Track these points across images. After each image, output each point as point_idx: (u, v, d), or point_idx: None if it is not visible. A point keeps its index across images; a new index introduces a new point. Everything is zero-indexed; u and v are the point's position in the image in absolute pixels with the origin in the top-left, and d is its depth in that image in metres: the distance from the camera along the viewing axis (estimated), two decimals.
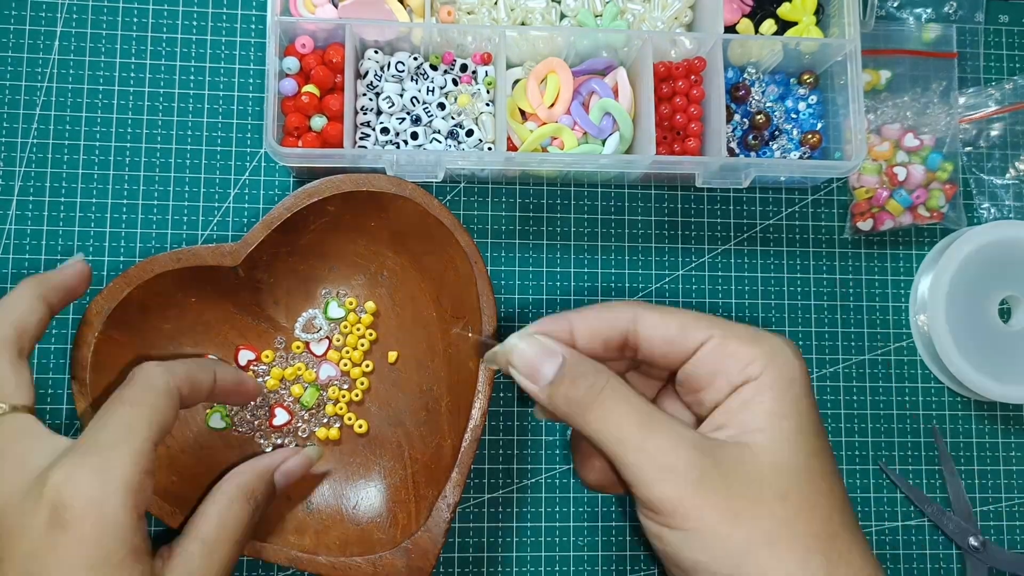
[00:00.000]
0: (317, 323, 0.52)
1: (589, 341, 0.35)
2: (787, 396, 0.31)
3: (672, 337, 0.34)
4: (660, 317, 0.34)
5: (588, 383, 0.33)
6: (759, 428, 0.31)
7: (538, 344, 0.34)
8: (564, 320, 0.35)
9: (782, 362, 0.32)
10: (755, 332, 0.33)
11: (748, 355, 0.32)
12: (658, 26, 0.54)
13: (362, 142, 0.51)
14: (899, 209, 0.56)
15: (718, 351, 0.33)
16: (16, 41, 0.53)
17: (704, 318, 0.34)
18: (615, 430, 0.32)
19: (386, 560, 0.44)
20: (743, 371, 0.32)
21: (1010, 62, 0.61)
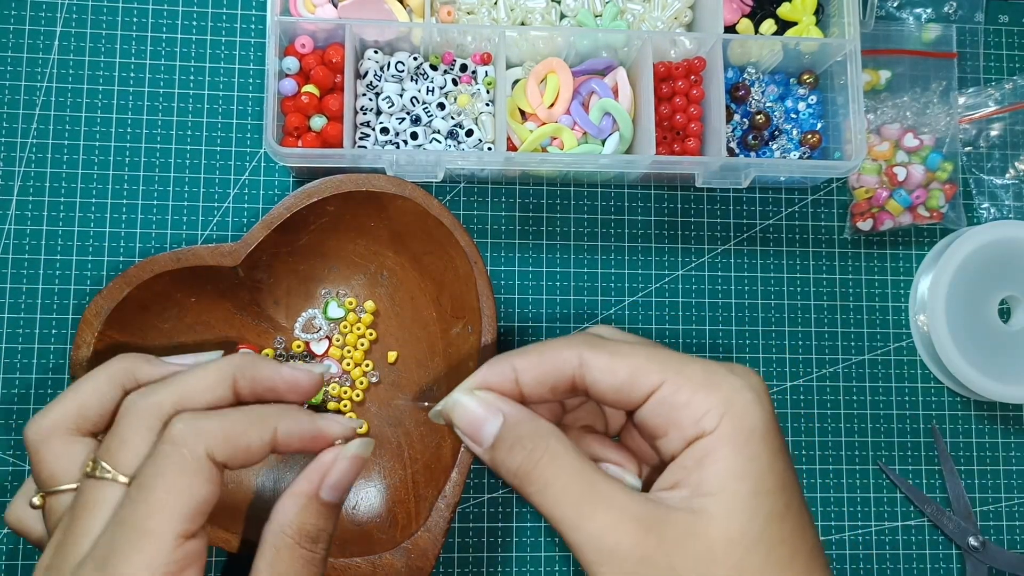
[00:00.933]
0: (317, 323, 0.52)
1: (536, 388, 0.31)
2: (744, 452, 0.28)
3: (620, 384, 0.30)
4: (608, 361, 0.30)
5: (525, 452, 0.30)
6: (712, 492, 0.28)
7: (477, 402, 0.31)
8: (507, 366, 0.32)
9: (740, 411, 0.29)
10: (711, 374, 0.30)
11: (702, 406, 0.29)
12: (658, 26, 0.54)
13: (362, 142, 0.51)
14: (899, 209, 0.56)
15: (670, 400, 0.29)
16: (16, 41, 0.53)
17: (657, 357, 0.30)
18: (553, 507, 0.29)
19: (386, 560, 0.44)
20: (696, 424, 0.29)
21: (1010, 62, 0.61)
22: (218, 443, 0.30)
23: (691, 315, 0.56)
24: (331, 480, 0.33)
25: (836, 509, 0.56)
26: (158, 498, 0.29)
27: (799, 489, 0.30)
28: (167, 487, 0.29)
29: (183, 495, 0.29)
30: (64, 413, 0.34)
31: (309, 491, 0.32)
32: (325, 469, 0.33)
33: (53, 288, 0.52)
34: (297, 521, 0.32)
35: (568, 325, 0.55)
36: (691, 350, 0.56)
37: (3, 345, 0.51)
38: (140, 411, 0.32)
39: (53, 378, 0.51)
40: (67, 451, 0.33)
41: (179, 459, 0.30)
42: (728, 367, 0.30)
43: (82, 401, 0.34)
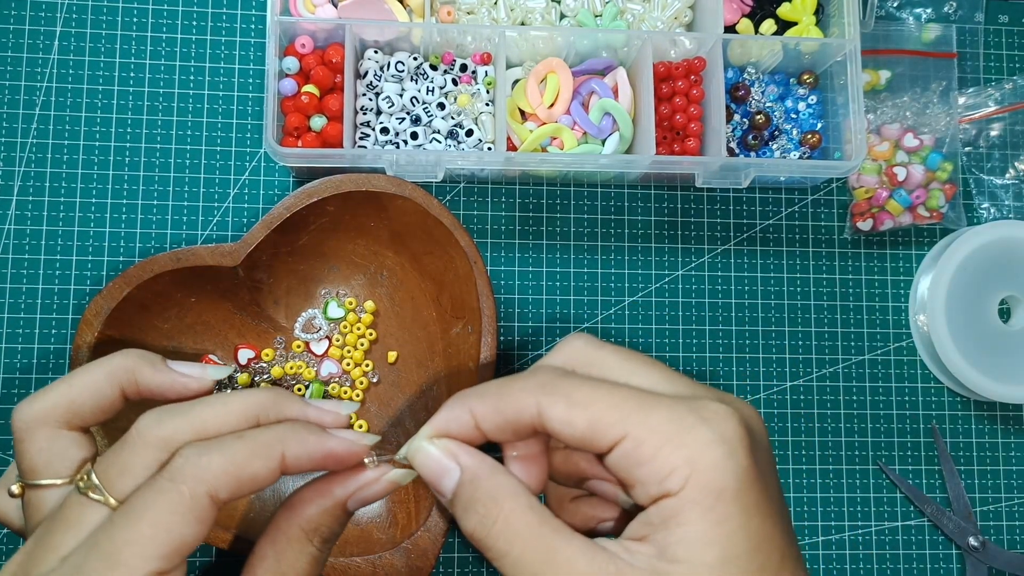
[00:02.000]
0: (317, 323, 0.52)
1: (497, 434, 0.30)
2: (712, 517, 0.26)
3: (579, 436, 0.28)
4: (564, 412, 0.28)
5: (479, 515, 0.28)
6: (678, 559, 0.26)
7: (436, 453, 0.30)
8: (465, 411, 0.30)
9: (708, 470, 0.26)
10: (678, 424, 0.27)
11: (666, 464, 0.27)
12: (658, 26, 0.54)
13: (362, 142, 0.51)
14: (899, 209, 0.56)
15: (633, 456, 0.27)
16: (16, 41, 0.53)
17: (619, 404, 0.28)
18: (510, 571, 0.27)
19: (385, 560, 0.44)
20: (661, 484, 0.27)
21: (1010, 62, 0.61)
22: (221, 482, 0.29)
23: (691, 315, 0.56)
24: (364, 495, 0.32)
25: (836, 509, 0.55)
26: (140, 531, 0.27)
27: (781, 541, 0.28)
28: (153, 522, 0.28)
29: (167, 534, 0.28)
30: (55, 404, 0.32)
31: (340, 496, 0.32)
32: (364, 484, 0.32)
33: (53, 288, 0.52)
34: (317, 519, 0.31)
35: (568, 325, 0.55)
36: (691, 351, 0.56)
37: (3, 345, 0.51)
38: (150, 441, 0.30)
39: (53, 378, 0.51)
40: (52, 445, 0.32)
41: (174, 497, 0.28)
42: (700, 412, 0.27)
43: (75, 395, 0.33)
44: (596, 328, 0.55)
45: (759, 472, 0.27)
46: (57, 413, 0.32)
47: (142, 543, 0.27)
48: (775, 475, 0.30)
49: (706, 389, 0.30)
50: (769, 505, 0.27)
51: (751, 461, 0.27)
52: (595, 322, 0.55)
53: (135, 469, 0.29)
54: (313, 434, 0.31)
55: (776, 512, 0.28)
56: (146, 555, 0.27)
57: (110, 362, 0.34)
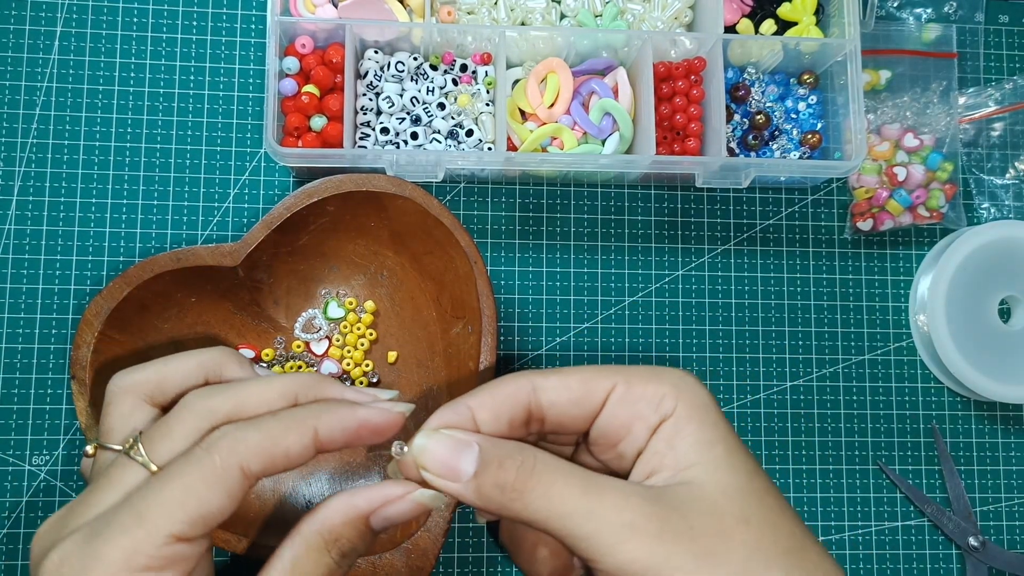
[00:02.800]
0: (317, 323, 0.52)
1: (494, 424, 0.32)
2: (707, 422, 0.31)
3: (576, 396, 0.32)
4: (559, 379, 0.32)
5: (516, 463, 0.30)
6: (693, 462, 0.30)
7: (447, 438, 0.31)
8: (462, 407, 0.32)
9: (690, 391, 0.31)
10: (654, 370, 0.32)
11: (656, 392, 0.31)
12: (658, 26, 0.54)
13: (362, 142, 0.51)
14: (899, 209, 0.56)
15: (626, 397, 0.31)
16: (16, 41, 0.53)
17: (602, 369, 0.32)
18: (559, 505, 0.29)
19: (386, 560, 0.44)
20: (657, 409, 0.31)
21: (1010, 62, 0.61)
22: (254, 456, 0.30)
23: (691, 315, 0.56)
24: (388, 513, 0.32)
25: (836, 509, 0.56)
26: (169, 494, 0.29)
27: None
28: (182, 487, 0.29)
29: (194, 500, 0.29)
30: (146, 379, 0.35)
31: (364, 509, 0.32)
32: (390, 499, 0.32)
33: (53, 288, 0.52)
34: (339, 530, 0.31)
35: (568, 325, 0.55)
36: (691, 351, 0.56)
37: (3, 345, 0.51)
38: (194, 410, 0.32)
39: (53, 378, 0.51)
40: (131, 413, 0.34)
41: (207, 465, 0.30)
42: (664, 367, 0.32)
43: (166, 374, 0.35)
44: (596, 328, 0.55)
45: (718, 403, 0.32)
46: (147, 387, 0.35)
47: (169, 505, 0.29)
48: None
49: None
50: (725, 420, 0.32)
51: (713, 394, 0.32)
52: (595, 322, 0.55)
53: (176, 437, 0.31)
54: (346, 408, 0.33)
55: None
56: (171, 517, 0.29)
57: (203, 353, 0.37)
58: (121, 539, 0.29)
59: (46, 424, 0.51)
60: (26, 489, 0.50)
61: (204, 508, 0.29)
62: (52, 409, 0.51)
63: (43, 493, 0.50)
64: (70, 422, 0.51)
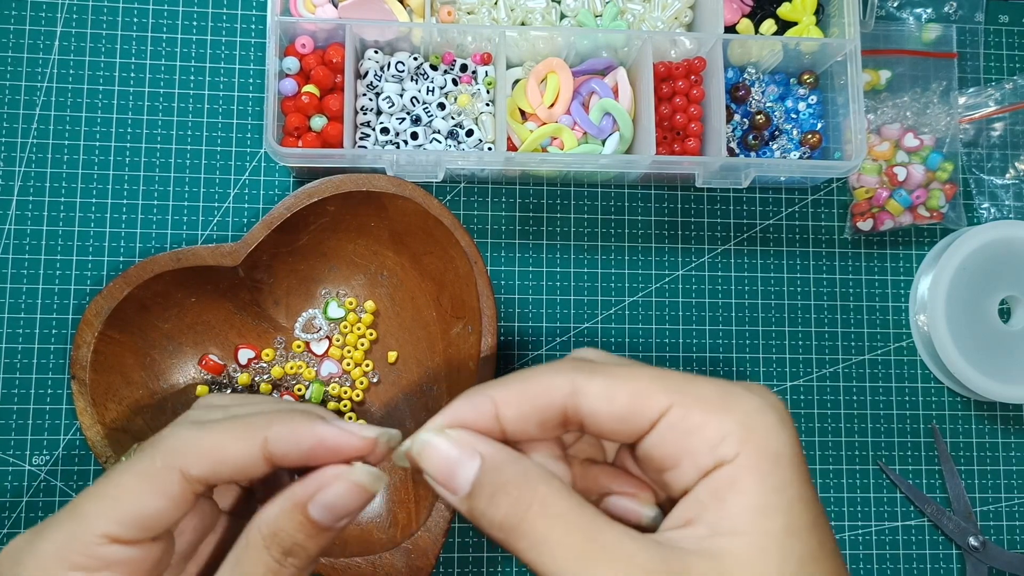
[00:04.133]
0: (317, 323, 0.52)
1: (520, 424, 0.27)
2: (771, 483, 0.24)
3: (621, 412, 0.26)
4: (605, 386, 0.26)
5: (511, 499, 0.25)
6: (736, 531, 0.24)
7: (450, 443, 0.26)
8: (486, 400, 0.27)
9: (762, 434, 0.25)
10: (725, 392, 0.26)
11: (718, 430, 0.25)
12: (658, 26, 0.54)
13: (362, 142, 0.51)
14: (899, 209, 0.56)
15: (680, 426, 0.25)
16: (16, 41, 0.53)
17: (661, 378, 0.26)
18: (549, 564, 0.25)
19: (386, 560, 0.44)
20: (713, 451, 0.25)
21: (1010, 62, 0.61)
22: (195, 460, 0.28)
23: (691, 315, 0.56)
24: (324, 498, 0.28)
25: (836, 509, 0.55)
26: (105, 491, 0.28)
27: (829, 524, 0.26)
28: (118, 484, 0.28)
29: (128, 499, 0.28)
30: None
31: (296, 499, 0.28)
32: (322, 482, 0.28)
33: (53, 288, 0.52)
34: (274, 525, 0.28)
35: (568, 325, 0.55)
36: (691, 351, 0.56)
37: (3, 345, 0.51)
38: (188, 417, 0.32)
39: (53, 378, 0.51)
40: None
41: (145, 465, 0.28)
42: (744, 385, 0.26)
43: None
44: (596, 328, 0.55)
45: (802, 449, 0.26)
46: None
47: (104, 503, 0.28)
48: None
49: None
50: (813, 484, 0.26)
51: (797, 434, 0.26)
52: (595, 322, 0.55)
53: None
54: (303, 420, 0.29)
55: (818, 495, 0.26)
56: (105, 515, 0.27)
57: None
58: (56, 534, 0.28)
59: (46, 424, 0.51)
60: (26, 489, 0.50)
61: (138, 509, 0.27)
62: (52, 409, 0.51)
63: (43, 493, 0.50)
64: (70, 422, 0.51)
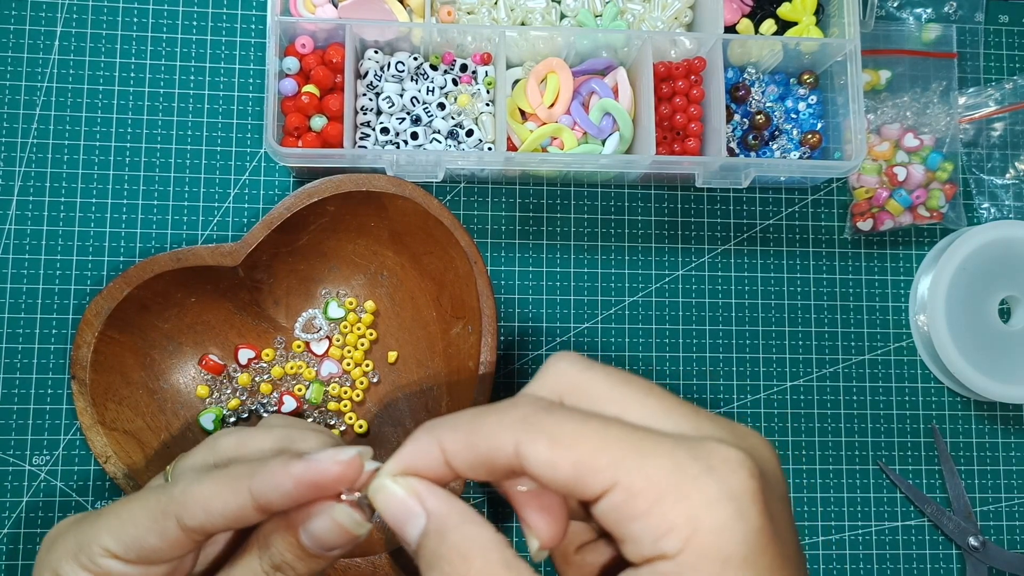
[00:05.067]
0: (317, 323, 0.52)
1: (469, 472, 0.26)
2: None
3: (563, 482, 0.24)
4: (547, 454, 0.24)
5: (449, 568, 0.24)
6: None
7: (399, 494, 0.26)
8: (433, 445, 0.26)
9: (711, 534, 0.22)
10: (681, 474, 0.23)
11: (663, 523, 0.22)
12: (658, 26, 0.54)
13: (362, 142, 0.51)
14: (899, 209, 0.56)
15: (624, 509, 0.23)
16: (16, 41, 0.53)
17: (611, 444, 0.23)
18: None
19: (386, 560, 0.44)
20: (655, 543, 0.22)
21: (1010, 62, 0.61)
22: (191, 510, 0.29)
23: (691, 315, 0.56)
24: (313, 528, 0.28)
25: (836, 509, 0.55)
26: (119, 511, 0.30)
27: None
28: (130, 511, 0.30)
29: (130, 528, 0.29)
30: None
31: (290, 521, 0.29)
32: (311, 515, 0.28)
33: (53, 288, 0.52)
34: (268, 540, 0.29)
35: (568, 325, 0.55)
36: (691, 351, 0.56)
37: (3, 345, 0.51)
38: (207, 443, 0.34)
39: (53, 378, 0.51)
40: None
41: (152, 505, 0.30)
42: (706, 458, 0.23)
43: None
44: (596, 328, 0.55)
45: (774, 531, 0.23)
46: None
47: (114, 523, 0.30)
48: (793, 529, 0.25)
49: (712, 421, 0.25)
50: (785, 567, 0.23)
51: (765, 520, 0.23)
52: (595, 322, 0.55)
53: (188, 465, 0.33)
54: (277, 463, 0.28)
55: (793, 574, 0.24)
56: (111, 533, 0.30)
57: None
58: (77, 535, 0.30)
59: (46, 424, 0.51)
60: (26, 489, 0.50)
61: (137, 541, 0.29)
62: (52, 409, 0.51)
63: (43, 493, 0.50)
64: (70, 422, 0.51)
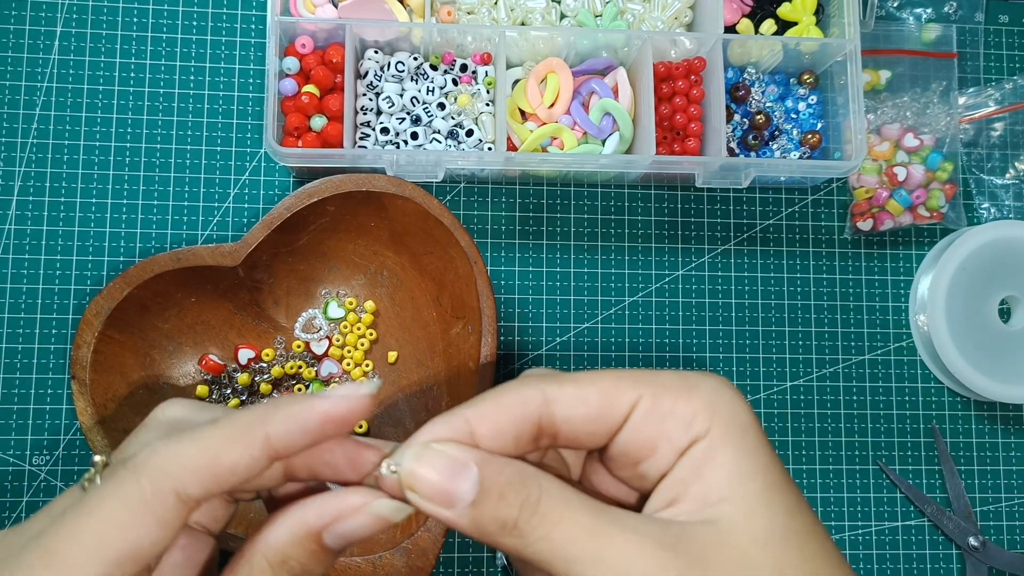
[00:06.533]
0: (317, 323, 0.52)
1: (497, 442, 0.27)
2: (745, 449, 0.26)
3: (595, 411, 0.27)
4: (575, 390, 0.27)
5: (521, 496, 0.25)
6: (723, 497, 0.25)
7: (441, 457, 0.25)
8: (459, 420, 0.26)
9: (727, 409, 0.26)
10: (687, 378, 0.27)
11: (688, 409, 0.26)
12: (658, 26, 0.54)
13: (362, 142, 0.51)
14: (899, 209, 0.56)
15: (652, 413, 0.27)
16: (16, 41, 0.53)
17: (626, 376, 0.27)
18: (565, 547, 0.25)
19: (386, 560, 0.44)
20: (688, 430, 0.26)
21: (1010, 62, 0.61)
22: (192, 477, 0.25)
23: (691, 315, 0.56)
24: (342, 528, 0.26)
25: (836, 509, 0.55)
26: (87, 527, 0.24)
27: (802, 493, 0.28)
28: (104, 519, 0.24)
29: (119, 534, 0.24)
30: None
31: (312, 526, 0.26)
32: (342, 512, 0.26)
33: (53, 288, 0.52)
34: (286, 551, 0.26)
35: (568, 325, 0.55)
36: (691, 351, 0.56)
37: (3, 345, 0.51)
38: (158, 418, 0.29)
39: (53, 378, 0.51)
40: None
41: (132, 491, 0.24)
42: (698, 372, 0.28)
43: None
44: (596, 328, 0.55)
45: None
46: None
47: (90, 542, 0.24)
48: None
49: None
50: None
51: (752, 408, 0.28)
52: (595, 322, 0.55)
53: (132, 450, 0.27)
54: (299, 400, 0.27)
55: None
56: (90, 556, 0.23)
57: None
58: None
59: (46, 424, 0.51)
60: (26, 489, 0.50)
61: (131, 545, 0.24)
62: (52, 409, 0.51)
63: (43, 493, 0.50)
64: (70, 422, 0.51)
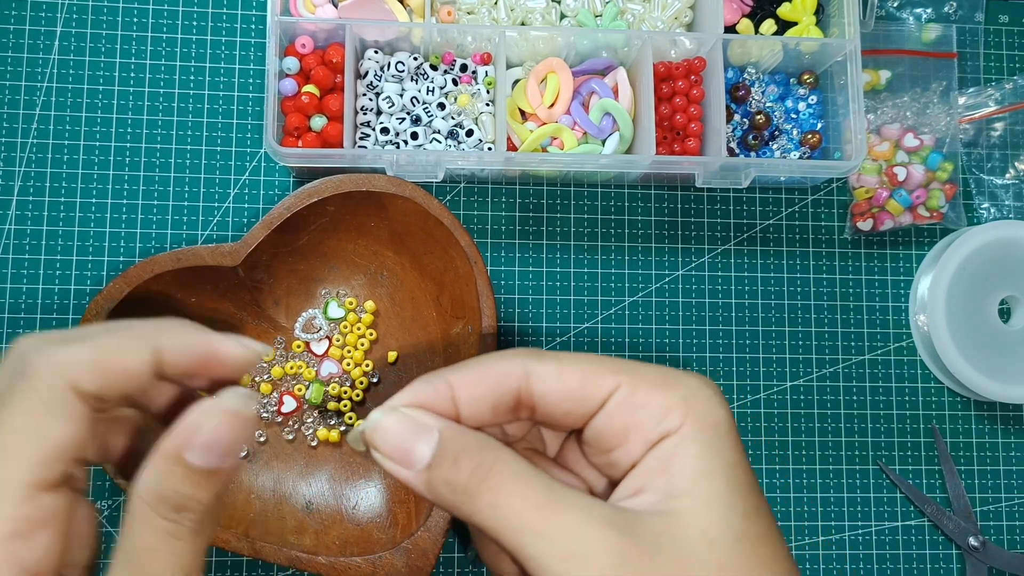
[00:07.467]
0: (317, 323, 0.52)
1: (475, 408, 0.28)
2: (713, 448, 0.26)
3: (572, 392, 0.28)
4: (556, 368, 0.28)
5: (473, 463, 0.26)
6: (684, 491, 0.26)
7: (405, 419, 0.27)
8: (442, 383, 0.28)
9: (703, 407, 0.27)
10: (668, 374, 0.28)
11: (663, 403, 0.27)
12: (658, 26, 0.54)
13: (362, 142, 0.51)
14: (899, 209, 0.56)
15: (628, 402, 0.27)
16: (16, 41, 0.53)
17: (609, 363, 0.28)
18: (511, 517, 0.25)
19: (386, 560, 0.44)
20: (660, 423, 0.27)
21: (1010, 62, 0.61)
22: (84, 373, 0.26)
23: (691, 315, 0.56)
24: (201, 439, 0.26)
25: (836, 509, 0.55)
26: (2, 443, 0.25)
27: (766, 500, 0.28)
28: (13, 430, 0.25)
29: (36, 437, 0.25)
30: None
31: (171, 451, 0.26)
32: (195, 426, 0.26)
33: (53, 288, 0.52)
34: (156, 487, 0.26)
35: (568, 325, 0.55)
36: (691, 351, 0.56)
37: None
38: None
39: None
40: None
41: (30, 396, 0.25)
42: (681, 370, 0.28)
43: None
44: (596, 328, 0.55)
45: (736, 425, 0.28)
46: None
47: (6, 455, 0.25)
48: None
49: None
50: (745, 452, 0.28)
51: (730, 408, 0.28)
52: (595, 322, 0.55)
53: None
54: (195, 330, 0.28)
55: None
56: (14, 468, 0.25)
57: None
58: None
59: None
60: None
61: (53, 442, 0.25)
62: None
63: None
64: None
